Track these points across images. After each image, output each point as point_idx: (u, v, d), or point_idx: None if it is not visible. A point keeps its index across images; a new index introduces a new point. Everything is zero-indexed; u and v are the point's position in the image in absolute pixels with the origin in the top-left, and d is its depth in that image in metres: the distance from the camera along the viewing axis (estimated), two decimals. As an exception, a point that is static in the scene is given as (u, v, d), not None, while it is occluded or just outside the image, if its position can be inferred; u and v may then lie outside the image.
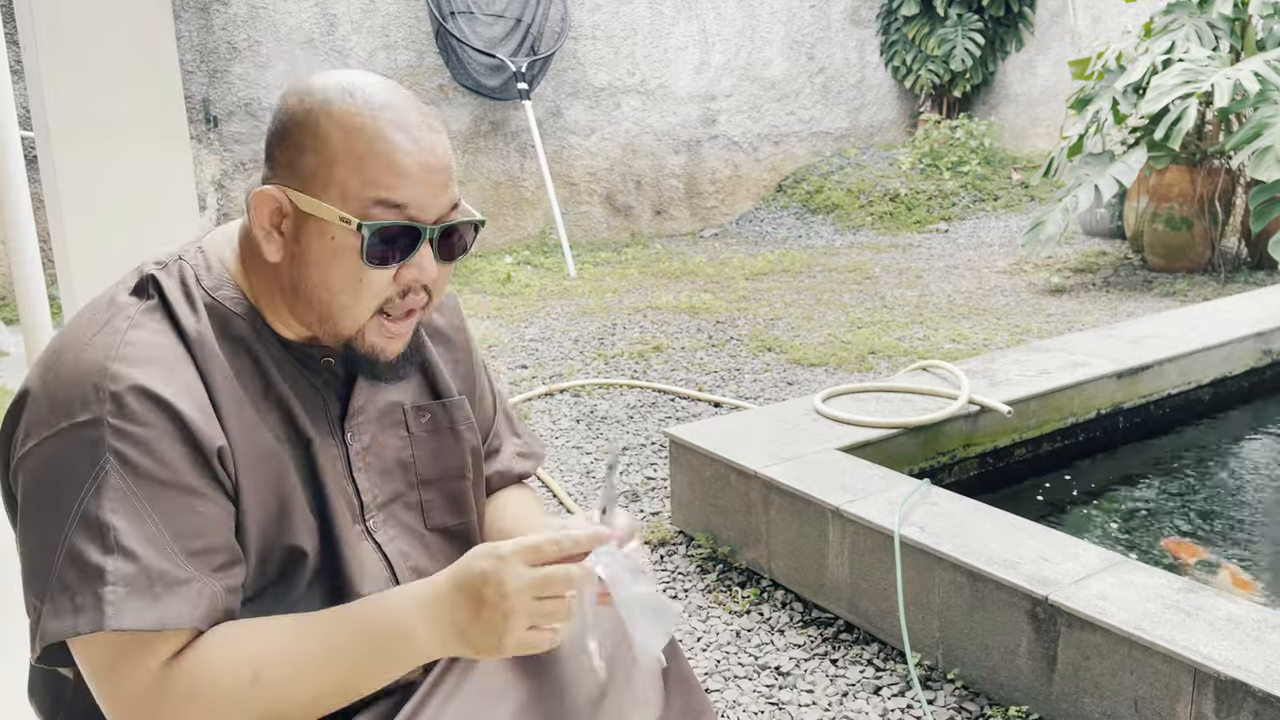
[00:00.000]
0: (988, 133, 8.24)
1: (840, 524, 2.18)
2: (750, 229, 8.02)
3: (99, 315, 0.93)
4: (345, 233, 0.92)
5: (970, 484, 2.75)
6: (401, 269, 0.94)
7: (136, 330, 0.91)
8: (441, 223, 0.95)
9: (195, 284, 0.97)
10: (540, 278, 6.34)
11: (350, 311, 0.95)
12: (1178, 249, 5.74)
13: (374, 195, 0.91)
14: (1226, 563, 2.44)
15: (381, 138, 0.91)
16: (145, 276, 0.96)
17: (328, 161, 0.92)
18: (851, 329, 4.74)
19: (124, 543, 0.83)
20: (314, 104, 0.93)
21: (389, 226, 0.92)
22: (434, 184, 0.93)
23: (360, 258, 0.92)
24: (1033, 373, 3.06)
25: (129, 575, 0.83)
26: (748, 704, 1.97)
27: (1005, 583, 1.86)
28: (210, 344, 0.94)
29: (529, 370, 4.27)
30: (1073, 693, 1.78)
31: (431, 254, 0.95)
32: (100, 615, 0.82)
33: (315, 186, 0.92)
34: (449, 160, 0.96)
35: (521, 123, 7.27)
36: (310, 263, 0.94)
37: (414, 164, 0.92)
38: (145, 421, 0.86)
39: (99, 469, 0.85)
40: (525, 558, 0.85)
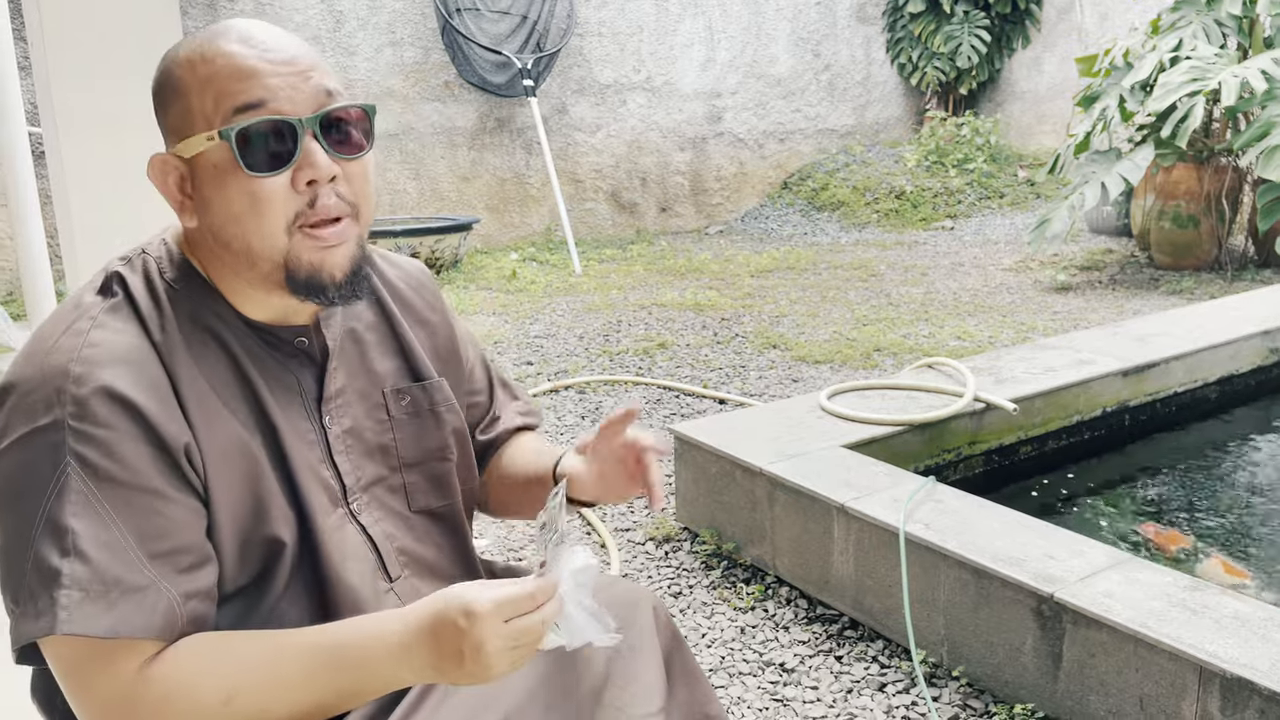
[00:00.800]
0: (994, 130, 8.23)
1: (845, 521, 2.18)
2: (755, 226, 8.02)
3: (65, 317, 0.92)
4: (218, 150, 0.90)
5: (975, 481, 2.75)
6: (295, 173, 0.91)
7: (100, 330, 0.90)
8: (320, 110, 0.91)
9: (158, 276, 0.96)
10: (545, 274, 6.35)
11: (263, 234, 0.91)
12: (1184, 247, 5.72)
13: (229, 104, 0.89)
14: (1217, 552, 2.44)
15: (220, 54, 0.90)
16: (110, 274, 0.96)
17: (185, 100, 0.91)
18: (857, 326, 4.73)
19: (81, 546, 0.83)
20: (165, 62, 0.93)
21: (251, 125, 0.88)
22: (290, 74, 0.91)
23: (241, 168, 0.89)
24: (1038, 370, 3.06)
25: (84, 579, 0.82)
26: (752, 700, 1.98)
27: (1010, 580, 1.86)
28: (175, 338, 0.93)
29: (534, 367, 4.28)
30: (1078, 690, 1.78)
31: (318, 147, 0.91)
32: (54, 619, 0.81)
33: (185, 128, 0.92)
34: (304, 53, 0.93)
35: (527, 119, 7.27)
36: (212, 204, 0.92)
37: (259, 61, 0.90)
38: (106, 423, 0.86)
39: (60, 472, 0.84)
40: (502, 614, 0.85)
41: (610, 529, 2.72)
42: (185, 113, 0.91)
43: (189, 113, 0.91)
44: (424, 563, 1.10)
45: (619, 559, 2.53)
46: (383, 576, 1.05)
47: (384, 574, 1.05)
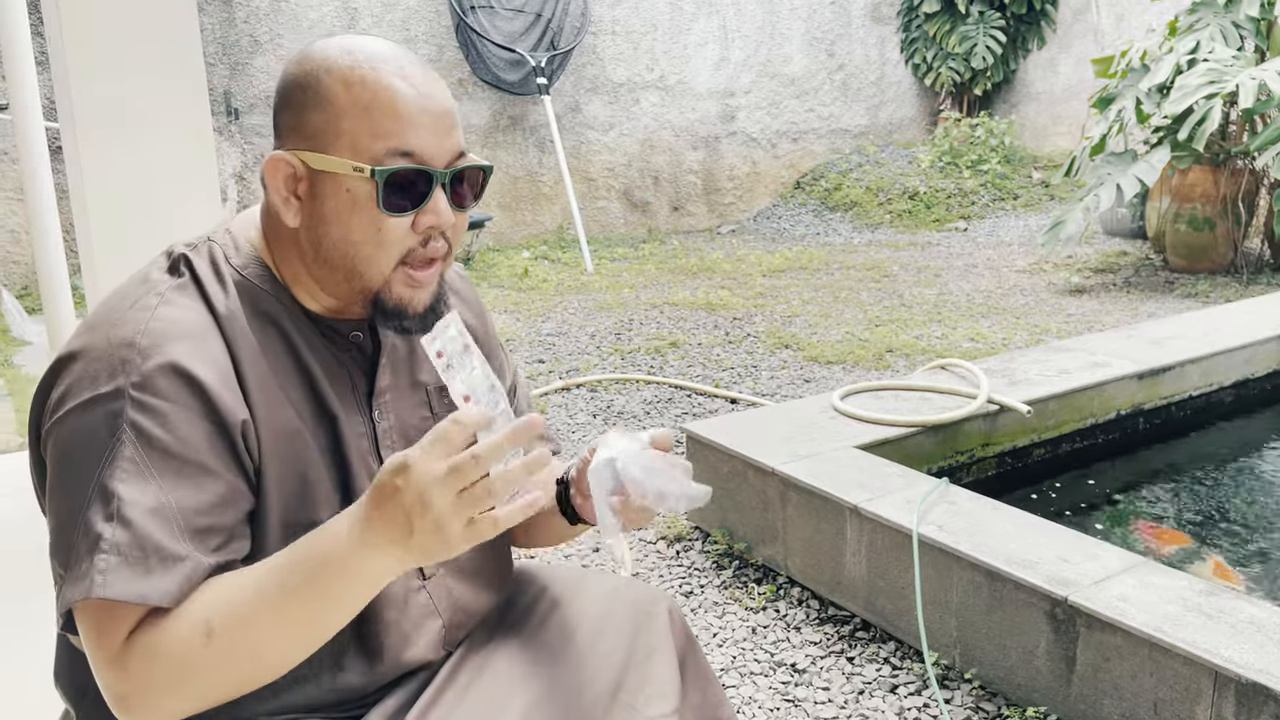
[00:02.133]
0: (1008, 131, 8.19)
1: (858, 522, 2.18)
2: (768, 226, 8.01)
3: (132, 292, 0.95)
4: (360, 182, 0.93)
5: (988, 484, 2.74)
6: (418, 216, 0.95)
7: (167, 306, 0.93)
8: (451, 168, 0.96)
9: (224, 262, 0.99)
10: (557, 273, 6.35)
11: (374, 263, 0.96)
12: (1200, 250, 5.69)
13: (384, 144, 0.93)
14: (1213, 553, 2.42)
15: (385, 87, 0.93)
16: (177, 256, 0.98)
17: (334, 116, 0.93)
18: (869, 327, 4.72)
19: (125, 512, 0.84)
20: (313, 65, 0.95)
21: (402, 171, 0.93)
22: (440, 129, 0.95)
23: (377, 206, 0.93)
24: (1052, 372, 3.05)
25: (124, 544, 0.84)
26: (763, 700, 1.97)
27: (1024, 583, 1.85)
28: (239, 320, 0.96)
29: (546, 365, 4.28)
30: (1092, 694, 1.77)
31: (444, 198, 0.96)
32: (90, 584, 0.82)
33: (325, 143, 0.94)
34: (451, 106, 0.97)
35: (540, 118, 7.28)
36: (329, 219, 0.96)
37: (419, 110, 0.93)
38: (166, 395, 0.88)
39: (116, 439, 0.86)
40: (434, 454, 0.81)
41: (621, 527, 2.72)
42: (331, 129, 0.93)
43: (336, 132, 0.93)
44: (458, 562, 1.10)
45: (631, 558, 2.53)
46: (416, 574, 1.05)
47: (417, 571, 1.05)
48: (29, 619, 0.89)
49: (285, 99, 0.97)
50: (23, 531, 2.49)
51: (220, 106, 6.27)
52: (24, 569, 0.89)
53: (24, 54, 3.25)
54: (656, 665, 1.20)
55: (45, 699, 1.10)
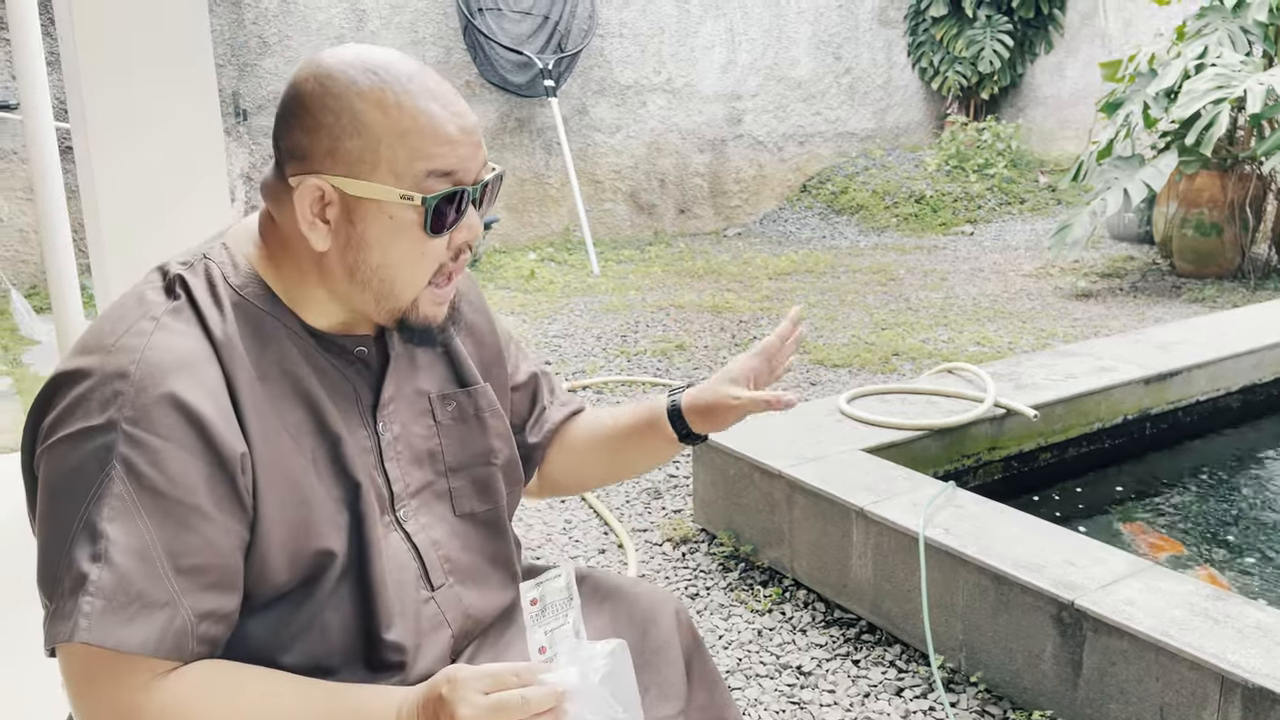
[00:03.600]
0: (1015, 135, 8.18)
1: (864, 525, 2.18)
2: (774, 229, 8.01)
3: (127, 315, 0.93)
4: (405, 209, 0.94)
5: (995, 488, 2.73)
6: (454, 234, 0.98)
7: (163, 333, 0.91)
8: (479, 181, 0.98)
9: (222, 283, 0.97)
10: (564, 274, 6.36)
11: (410, 284, 0.97)
12: (1207, 255, 5.68)
13: (426, 167, 0.94)
14: (1206, 565, 2.42)
15: (421, 111, 0.93)
16: (173, 277, 0.96)
17: (373, 143, 0.93)
18: (875, 330, 4.72)
19: (112, 554, 0.84)
20: (340, 88, 0.92)
21: (449, 195, 0.95)
22: (472, 145, 0.97)
23: (423, 230, 0.95)
24: (1059, 377, 3.04)
25: (109, 588, 0.83)
26: (769, 702, 1.98)
27: (1031, 586, 1.85)
28: (237, 345, 0.94)
29: (552, 367, 4.29)
30: (1098, 698, 1.77)
31: (475, 212, 0.99)
32: (74, 626, 0.82)
33: (364, 169, 0.93)
34: (475, 121, 0.99)
35: (547, 120, 7.29)
36: (370, 244, 0.96)
37: (455, 130, 0.95)
38: (160, 432, 0.86)
39: (105, 474, 0.85)
40: (481, 685, 0.85)
41: (628, 529, 2.73)
42: (370, 155, 0.92)
43: (376, 160, 0.92)
44: (467, 569, 1.10)
45: (636, 560, 2.54)
46: (424, 585, 1.05)
47: (426, 583, 1.06)
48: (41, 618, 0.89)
49: (306, 121, 0.93)
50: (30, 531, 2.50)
51: (229, 107, 6.29)
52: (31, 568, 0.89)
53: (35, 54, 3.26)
54: (662, 666, 1.20)
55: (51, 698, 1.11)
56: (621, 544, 2.63)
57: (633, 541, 2.65)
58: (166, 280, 0.96)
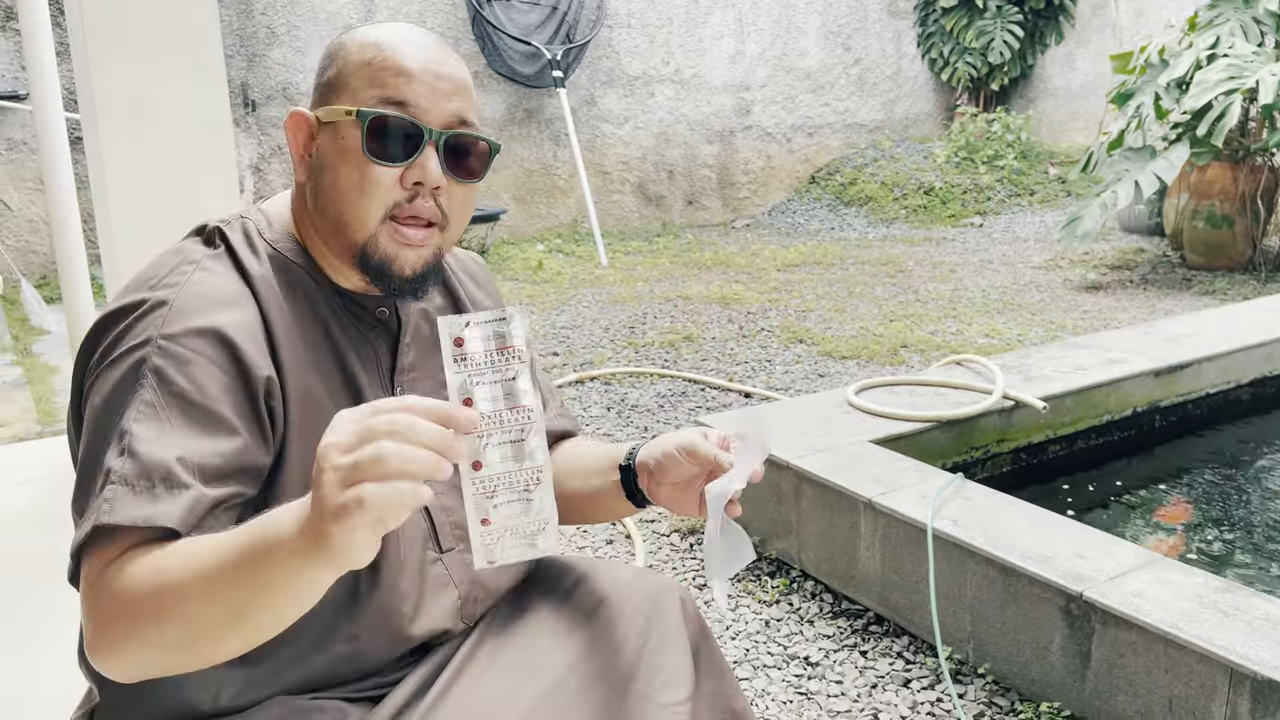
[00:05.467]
0: (1025, 126, 8.15)
1: (872, 516, 2.18)
2: (782, 220, 7.99)
3: (168, 261, 0.98)
4: (350, 127, 0.97)
5: (1003, 480, 2.73)
6: (406, 171, 0.97)
7: (203, 273, 0.96)
8: (449, 130, 0.98)
9: (258, 236, 1.02)
10: (571, 266, 6.36)
11: (359, 212, 0.98)
12: (1218, 247, 5.65)
13: (378, 93, 0.97)
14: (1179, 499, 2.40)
15: (392, 48, 0.98)
16: (211, 229, 1.01)
17: (343, 73, 0.99)
18: (884, 322, 4.71)
19: (135, 446, 0.85)
20: (344, 38, 1.02)
21: (386, 117, 0.96)
22: (437, 89, 0.98)
23: (364, 151, 0.96)
24: (1068, 369, 3.03)
25: (131, 474, 0.83)
26: (776, 693, 1.98)
27: (1039, 578, 1.85)
28: (273, 287, 0.99)
29: (560, 358, 4.29)
30: (1106, 690, 1.77)
31: (436, 158, 0.98)
32: (96, 515, 0.81)
33: (332, 96, 1.00)
34: (459, 77, 1.00)
35: (556, 111, 7.28)
36: (325, 167, 0.99)
37: (417, 67, 0.97)
38: (193, 348, 0.90)
39: (138, 383, 0.88)
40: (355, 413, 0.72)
41: (635, 520, 2.73)
42: (338, 82, 0.99)
43: (341, 84, 0.99)
44: None
45: (644, 550, 2.54)
46: (433, 546, 1.07)
47: (435, 544, 1.07)
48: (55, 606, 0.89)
49: (320, 66, 1.03)
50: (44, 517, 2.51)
51: (237, 98, 6.30)
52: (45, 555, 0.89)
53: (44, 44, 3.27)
54: (669, 654, 1.20)
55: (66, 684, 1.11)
56: (629, 534, 2.63)
57: (640, 532, 2.66)
58: (206, 233, 1.02)
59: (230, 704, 0.96)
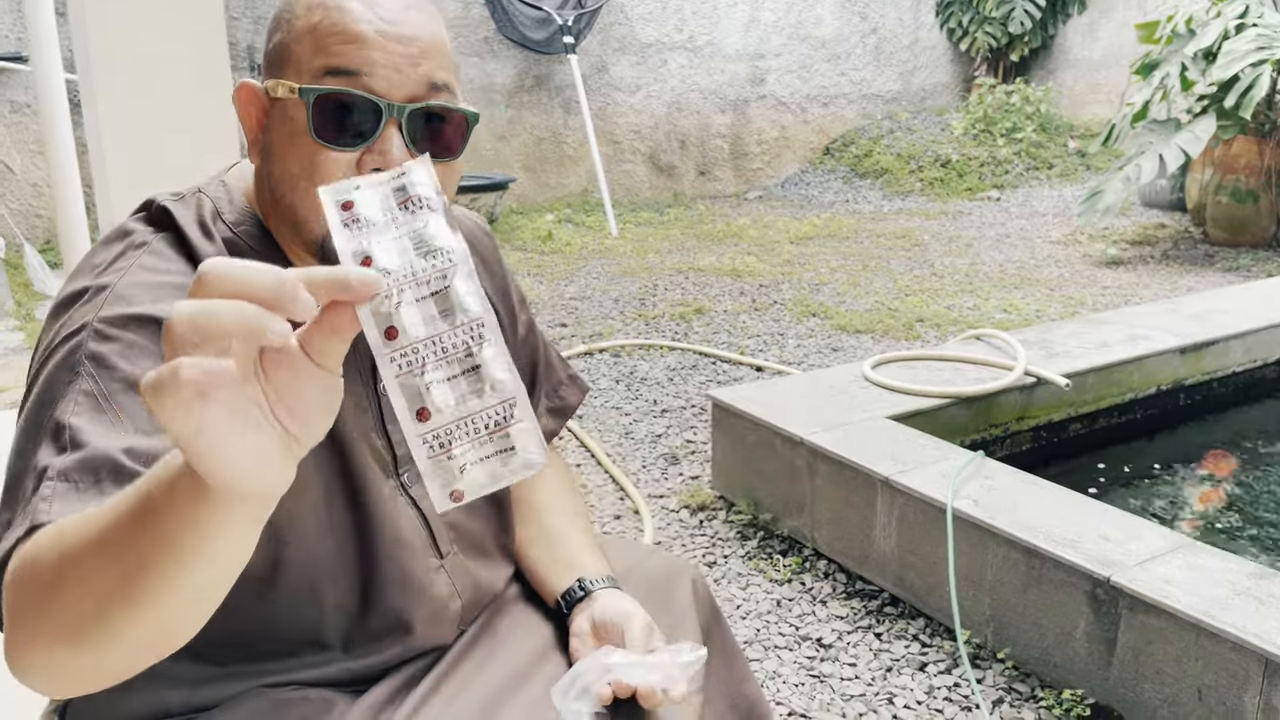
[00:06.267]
0: (1045, 98, 7.99)
1: (889, 495, 2.11)
2: (796, 192, 7.87)
3: (113, 244, 0.88)
4: (297, 107, 0.84)
5: (1023, 458, 2.65)
6: (364, 154, 0.83)
7: (149, 256, 0.85)
8: (414, 102, 0.83)
9: (214, 218, 0.90)
10: (581, 236, 6.27)
11: (310, 204, 0.83)
12: (1241, 223, 5.53)
13: (324, 64, 0.83)
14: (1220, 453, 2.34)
15: (339, 6, 0.83)
16: (158, 208, 0.90)
17: (288, 40, 0.85)
18: (899, 296, 4.62)
19: (79, 439, 0.73)
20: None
21: (335, 94, 0.81)
22: (397, 54, 0.83)
23: (309, 133, 0.83)
24: (1091, 345, 2.95)
25: (73, 469, 0.71)
26: (788, 675, 1.92)
27: (1064, 561, 1.78)
28: None
29: (568, 329, 4.22)
30: (1132, 678, 1.70)
31: (400, 139, 0.83)
32: (31, 516, 0.68)
33: (278, 68, 0.86)
34: (425, 33, 0.84)
35: (566, 78, 7.16)
36: (274, 152, 0.87)
37: (369, 30, 0.82)
38: (135, 332, 0.79)
39: (74, 373, 0.77)
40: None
41: (644, 495, 2.67)
42: (283, 52, 0.85)
43: (286, 54, 0.85)
44: (471, 539, 1.04)
45: (653, 526, 2.48)
46: (433, 553, 0.99)
47: (434, 550, 0.99)
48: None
49: (266, 33, 0.90)
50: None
51: (244, 62, 6.20)
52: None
53: (44, 5, 3.19)
54: (680, 639, 1.15)
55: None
56: (638, 510, 2.57)
57: (649, 508, 2.59)
58: (152, 211, 0.90)
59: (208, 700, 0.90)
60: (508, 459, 0.56)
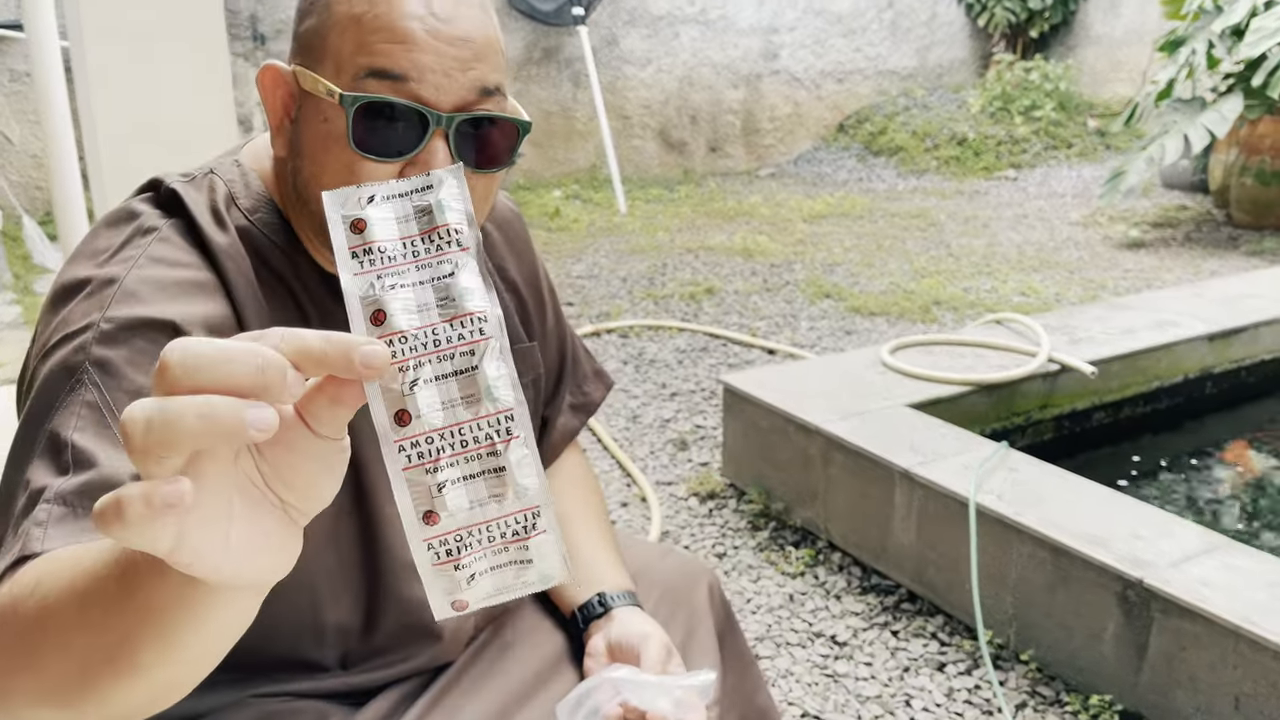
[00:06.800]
0: (1064, 76, 7.82)
1: (909, 487, 2.02)
2: (809, 170, 7.74)
3: (120, 227, 0.80)
4: (335, 111, 0.75)
5: (1044, 449, 2.56)
6: (406, 167, 0.76)
7: (160, 245, 0.78)
8: (462, 112, 0.76)
9: (227, 204, 0.82)
10: (589, 213, 6.16)
11: None
12: (1266, 205, 5.39)
13: (367, 64, 0.74)
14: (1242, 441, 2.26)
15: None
16: (167, 190, 0.82)
17: (325, 25, 0.76)
18: (915, 278, 4.52)
19: (82, 458, 0.66)
20: None
21: (380, 103, 0.74)
22: (449, 57, 0.74)
23: (349, 143, 0.75)
24: (1116, 331, 2.85)
25: (71, 493, 0.65)
26: (801, 674, 1.84)
27: (1094, 561, 1.69)
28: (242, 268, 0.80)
29: (575, 309, 4.13)
30: (1163, 684, 1.62)
31: (446, 150, 0.75)
32: (24, 544, 0.62)
33: (313, 57, 0.77)
34: (479, 33, 0.76)
35: (576, 50, 7.02)
36: (305, 153, 0.79)
37: (419, 28, 0.74)
38: (144, 340, 0.72)
39: (76, 379, 0.70)
40: None
41: (651, 482, 2.59)
42: (319, 41, 0.77)
43: (323, 45, 0.76)
44: None
45: (660, 514, 2.40)
46: None
47: None
48: None
49: (296, 10, 0.81)
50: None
51: (246, 30, 6.09)
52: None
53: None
54: (695, 650, 1.10)
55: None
56: (645, 498, 2.49)
57: (657, 495, 2.51)
58: (161, 193, 0.82)
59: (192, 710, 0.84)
60: (522, 571, 0.47)
